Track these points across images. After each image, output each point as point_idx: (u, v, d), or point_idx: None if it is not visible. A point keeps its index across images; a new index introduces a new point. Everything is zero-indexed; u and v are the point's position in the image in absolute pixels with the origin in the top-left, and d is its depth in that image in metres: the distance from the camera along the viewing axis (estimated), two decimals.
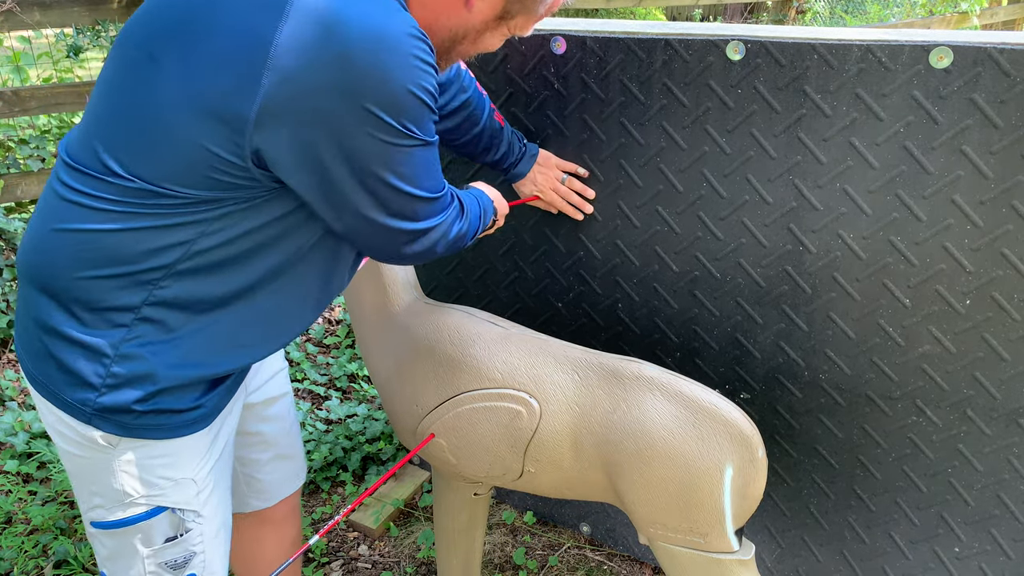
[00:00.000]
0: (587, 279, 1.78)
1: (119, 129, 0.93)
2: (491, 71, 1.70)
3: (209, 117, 0.88)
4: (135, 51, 0.93)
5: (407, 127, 0.92)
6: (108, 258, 0.95)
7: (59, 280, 0.97)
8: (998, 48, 1.24)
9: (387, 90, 0.87)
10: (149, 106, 0.90)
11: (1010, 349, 1.40)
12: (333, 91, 0.85)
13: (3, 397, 2.60)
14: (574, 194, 1.66)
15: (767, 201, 1.50)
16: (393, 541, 2.12)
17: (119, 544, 1.11)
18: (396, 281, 1.52)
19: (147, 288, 0.97)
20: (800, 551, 1.80)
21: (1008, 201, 1.31)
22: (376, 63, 0.85)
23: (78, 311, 0.98)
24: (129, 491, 1.06)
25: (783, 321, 1.58)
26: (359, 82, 0.86)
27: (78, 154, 0.97)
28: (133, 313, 0.98)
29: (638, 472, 1.28)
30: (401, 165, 0.95)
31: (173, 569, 1.13)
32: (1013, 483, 1.49)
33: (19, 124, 3.70)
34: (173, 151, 0.90)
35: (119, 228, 0.94)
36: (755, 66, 1.42)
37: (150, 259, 0.95)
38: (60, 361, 0.99)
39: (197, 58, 0.88)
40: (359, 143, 0.90)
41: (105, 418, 1.00)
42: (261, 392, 1.37)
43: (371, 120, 0.88)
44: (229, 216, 0.96)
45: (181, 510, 1.11)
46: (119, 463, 1.04)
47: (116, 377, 0.99)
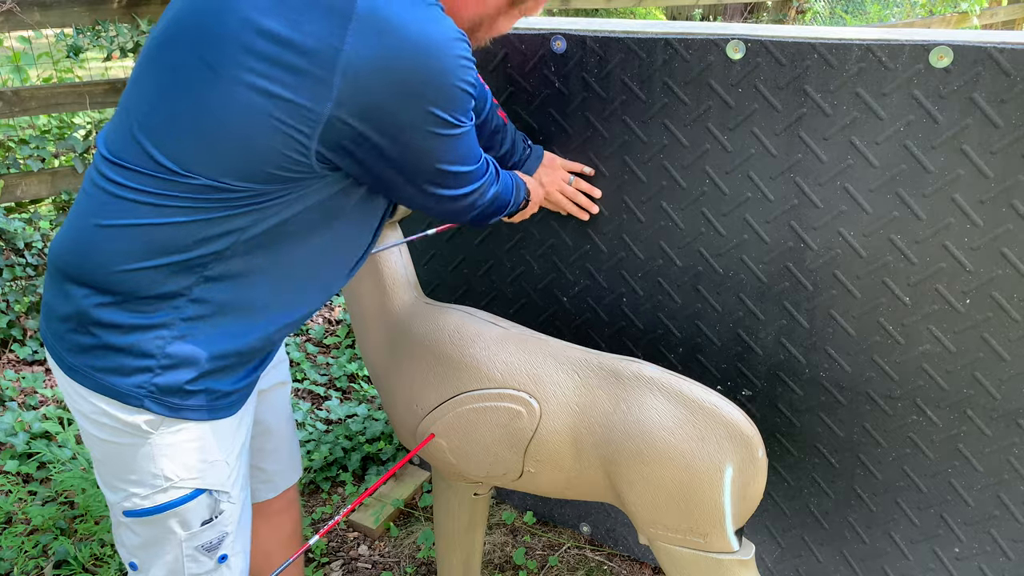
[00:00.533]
0: (593, 273, 1.78)
1: (173, 128, 0.96)
2: (491, 70, 1.70)
3: (279, 121, 0.93)
4: (188, 55, 0.95)
5: (459, 118, 1.02)
6: (162, 249, 0.99)
7: (106, 273, 1.00)
8: (998, 48, 1.24)
9: (444, 91, 0.97)
10: (212, 109, 0.94)
11: (1010, 349, 1.40)
12: (399, 95, 0.94)
13: (3, 397, 2.60)
14: (580, 194, 1.67)
15: (769, 198, 1.50)
16: (393, 541, 2.12)
17: (155, 531, 1.13)
18: (396, 281, 1.52)
19: (197, 272, 1.01)
20: (800, 551, 1.80)
21: (1008, 200, 1.31)
22: (435, 68, 0.95)
23: (128, 299, 1.01)
24: (170, 475, 1.09)
25: (784, 317, 1.58)
26: (422, 87, 0.95)
27: (123, 151, 0.99)
28: (184, 296, 1.02)
29: (638, 472, 1.27)
30: (453, 151, 1.06)
31: (208, 551, 1.16)
32: (1013, 483, 1.49)
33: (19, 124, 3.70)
34: (238, 151, 0.95)
35: (174, 221, 0.98)
36: (755, 65, 1.42)
37: (202, 247, 1.00)
38: (111, 347, 1.02)
39: (249, 58, 0.92)
40: (419, 138, 1.00)
41: (158, 399, 1.04)
42: (269, 377, 1.40)
43: (431, 118, 0.99)
44: (282, 201, 1.01)
45: (217, 492, 1.14)
46: (158, 447, 1.07)
47: (171, 357, 1.03)
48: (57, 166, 3.28)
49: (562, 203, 1.66)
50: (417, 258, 2.03)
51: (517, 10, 1.16)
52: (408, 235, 2.01)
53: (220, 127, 0.94)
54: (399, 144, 0.99)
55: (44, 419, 2.46)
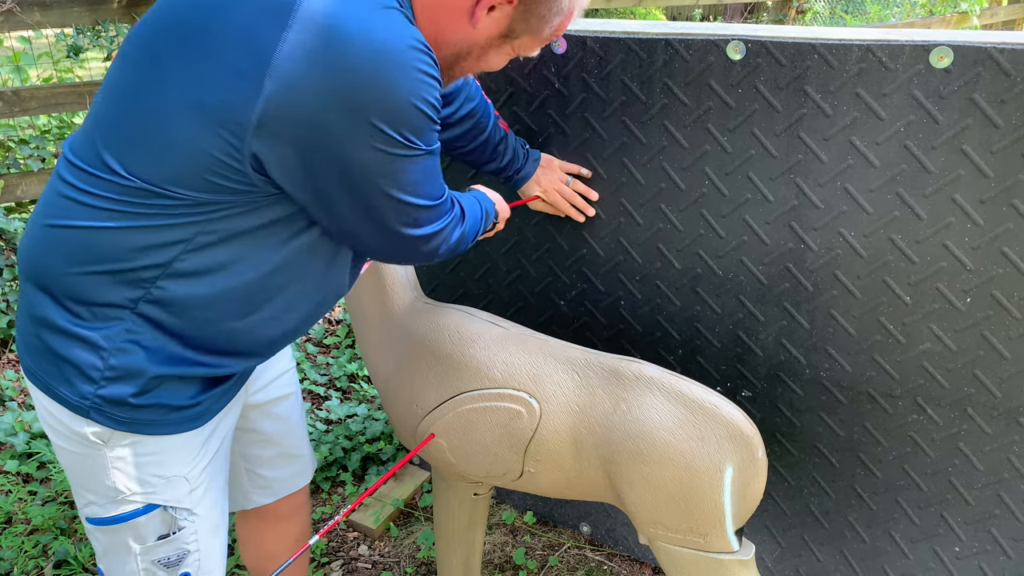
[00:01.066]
0: (590, 276, 1.78)
1: (120, 129, 0.93)
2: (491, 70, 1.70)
3: (208, 121, 0.88)
4: (139, 52, 0.93)
5: (410, 139, 0.92)
6: (102, 255, 0.96)
7: (54, 275, 0.98)
8: (998, 48, 1.24)
9: (391, 104, 0.87)
10: (150, 107, 0.91)
11: (1010, 347, 1.40)
12: (336, 104, 0.86)
13: (3, 397, 2.60)
14: (578, 196, 1.67)
15: (768, 199, 1.50)
16: (393, 541, 2.12)
17: (112, 540, 1.11)
18: (396, 281, 1.52)
19: (143, 286, 0.97)
20: (800, 551, 1.80)
21: (1008, 200, 1.31)
22: (380, 77, 0.85)
23: (74, 306, 0.98)
24: (121, 488, 1.07)
25: (784, 319, 1.58)
26: (363, 95, 0.85)
27: (80, 152, 0.97)
28: (129, 309, 0.98)
29: (638, 472, 1.27)
30: (403, 175, 0.95)
31: (166, 567, 1.13)
32: (1013, 482, 1.49)
33: (19, 124, 3.70)
34: (173, 153, 0.90)
35: (114, 226, 0.94)
36: (755, 66, 1.42)
37: (145, 257, 0.96)
38: (58, 355, 1.00)
39: (199, 62, 0.88)
40: (362, 155, 0.90)
41: (103, 411, 1.01)
42: (265, 392, 1.37)
43: (375, 133, 0.89)
44: (227, 218, 0.95)
45: (173, 508, 1.11)
46: (111, 460, 1.05)
47: (114, 370, 0.99)
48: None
49: (560, 204, 1.66)
50: None
51: (510, 46, 1.08)
52: None
53: (157, 126, 0.90)
54: (337, 159, 0.90)
55: None
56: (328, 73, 0.84)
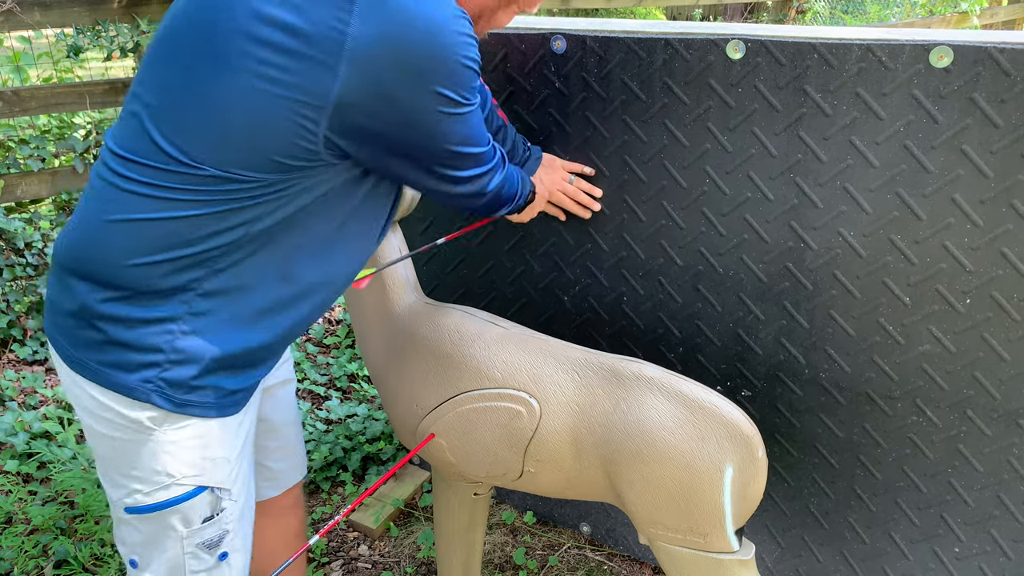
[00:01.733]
0: (594, 271, 1.78)
1: (181, 118, 0.96)
2: (491, 70, 1.70)
3: (280, 105, 0.93)
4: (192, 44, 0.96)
5: (465, 96, 1.02)
6: (168, 244, 0.99)
7: (116, 269, 1.00)
8: (998, 48, 1.24)
9: (448, 69, 0.97)
10: (212, 94, 0.94)
11: (1010, 349, 1.40)
12: (404, 77, 0.94)
13: (3, 397, 2.60)
14: (582, 193, 1.67)
15: (769, 198, 1.50)
16: (393, 541, 2.12)
17: (156, 528, 1.13)
18: (396, 281, 1.52)
19: (207, 266, 1.01)
20: (800, 551, 1.80)
21: (1008, 200, 1.31)
22: (438, 48, 0.95)
23: (136, 294, 1.01)
24: (172, 472, 1.09)
25: (784, 318, 1.58)
26: (426, 66, 0.95)
27: (130, 145, 0.99)
28: (194, 291, 1.02)
29: (638, 472, 1.27)
30: (461, 131, 1.06)
31: (208, 548, 1.15)
32: (1013, 483, 1.49)
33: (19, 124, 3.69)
34: (246, 140, 0.94)
35: (181, 215, 0.98)
36: (755, 65, 1.42)
37: (211, 240, 0.99)
38: (119, 343, 1.02)
39: (256, 47, 0.92)
40: (428, 119, 1.00)
41: (164, 394, 1.04)
42: (274, 376, 1.40)
43: (438, 98, 0.99)
44: (290, 192, 1.00)
45: (219, 489, 1.13)
46: (163, 444, 1.07)
47: (180, 352, 1.03)
48: (57, 166, 3.28)
49: (564, 202, 1.67)
50: (416, 259, 2.03)
51: (516, 4, 1.18)
52: (407, 234, 2.01)
53: (228, 117, 0.94)
54: (407, 126, 0.99)
55: (44, 419, 2.46)
56: (395, 49, 0.93)
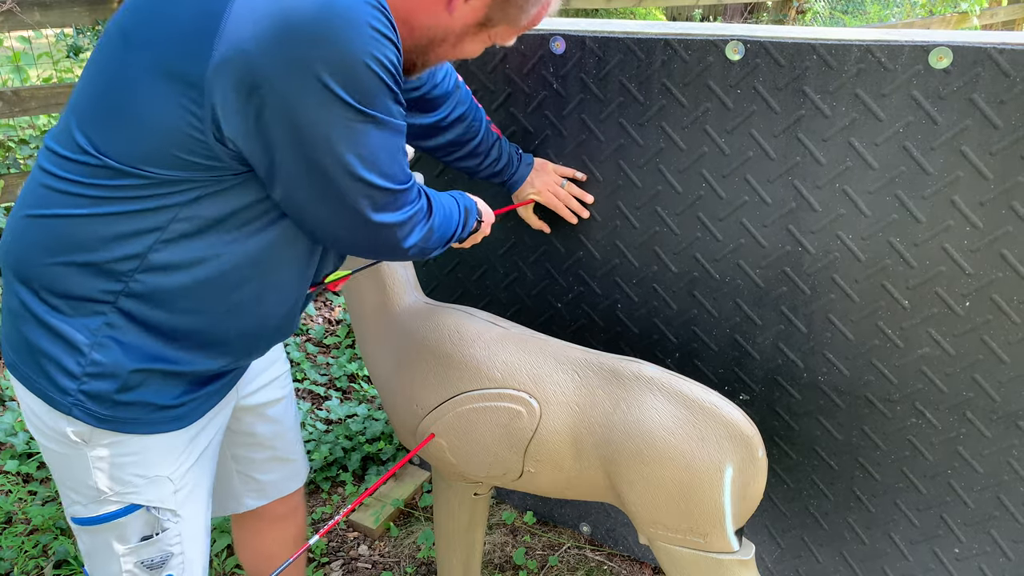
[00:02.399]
0: (586, 279, 1.78)
1: (92, 108, 0.93)
2: (490, 71, 1.70)
3: (170, 90, 0.87)
4: (115, 33, 0.94)
5: (362, 103, 0.88)
6: (78, 244, 0.95)
7: (34, 267, 0.98)
8: (998, 48, 1.24)
9: (340, 60, 0.84)
10: (117, 81, 0.91)
11: (1009, 351, 1.40)
12: (283, 60, 0.83)
13: (3, 397, 2.61)
14: (572, 198, 1.67)
15: (766, 202, 1.50)
16: (393, 541, 2.12)
17: (96, 541, 1.11)
18: (396, 281, 1.52)
19: (121, 279, 0.97)
20: (800, 552, 1.80)
21: (1008, 202, 1.31)
22: (327, 30, 0.82)
23: (54, 299, 0.98)
24: (103, 488, 1.06)
25: (782, 322, 1.58)
26: (310, 50, 0.83)
27: (58, 138, 0.97)
28: (109, 303, 0.98)
29: (638, 472, 1.28)
30: (357, 146, 0.91)
31: (150, 568, 1.12)
32: (1013, 485, 1.49)
33: (19, 124, 3.70)
34: (140, 128, 0.90)
35: (88, 213, 0.94)
36: (754, 66, 1.42)
37: (121, 246, 0.95)
38: (39, 349, 0.99)
39: (158, 30, 0.88)
40: (312, 116, 0.87)
41: (85, 408, 1.00)
42: (258, 396, 1.36)
43: (324, 93, 0.85)
44: (198, 201, 0.94)
45: (156, 508, 1.10)
46: (92, 459, 1.04)
47: (96, 365, 0.99)
48: None
49: (555, 205, 1.67)
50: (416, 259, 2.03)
51: (486, 34, 1.06)
52: None
53: (125, 101, 0.90)
54: (289, 119, 0.87)
55: None
56: (274, 30, 0.82)
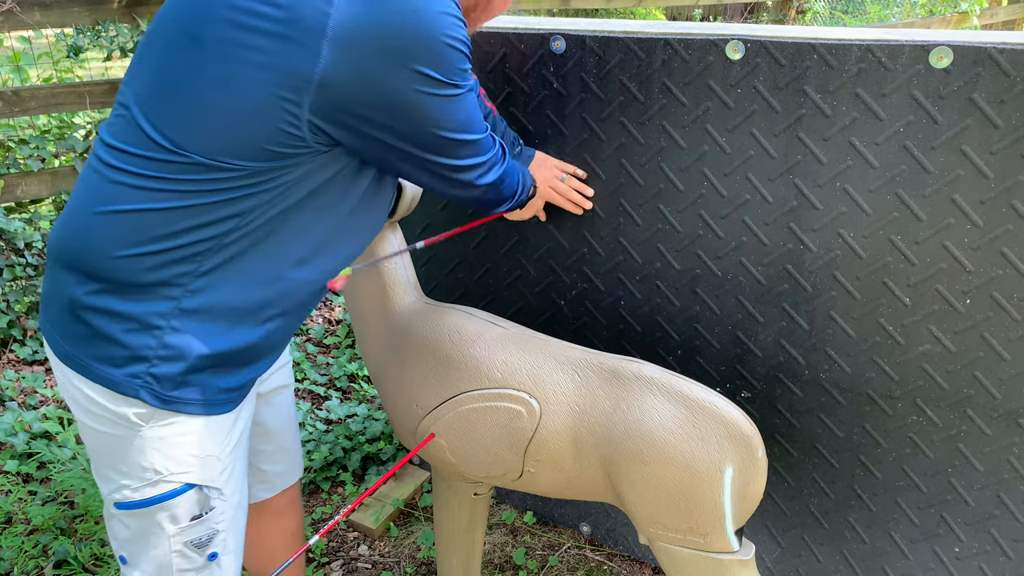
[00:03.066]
0: (590, 276, 1.78)
1: (168, 106, 0.95)
2: (490, 70, 1.70)
3: (263, 89, 0.91)
4: (177, 34, 0.96)
5: (450, 78, 0.99)
6: (155, 236, 0.98)
7: (105, 261, 0.99)
8: (998, 48, 1.24)
9: (429, 48, 0.95)
10: (199, 82, 0.93)
11: (1010, 349, 1.40)
12: (385, 56, 0.93)
13: (3, 397, 2.60)
14: (573, 191, 1.67)
15: (767, 200, 1.50)
16: (393, 541, 2.12)
17: (144, 524, 1.12)
18: (397, 281, 1.52)
19: (196, 261, 1.00)
20: (800, 551, 1.80)
21: (1008, 201, 1.31)
22: (420, 27, 0.93)
23: (126, 288, 1.00)
24: (159, 468, 1.08)
25: (784, 319, 1.58)
26: (405, 44, 0.93)
27: (122, 135, 0.98)
28: (182, 287, 1.00)
29: (638, 472, 1.27)
30: (451, 115, 1.03)
31: (197, 547, 1.15)
32: (1013, 483, 1.49)
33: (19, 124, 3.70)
34: (229, 124, 0.93)
35: (168, 207, 0.97)
36: (755, 66, 1.42)
37: (199, 232, 0.98)
38: (108, 337, 1.01)
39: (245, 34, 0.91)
40: (411, 100, 0.97)
41: (152, 390, 1.03)
42: (270, 381, 1.39)
43: (419, 78, 0.96)
44: (282, 185, 0.99)
45: (208, 487, 1.13)
46: (150, 440, 1.07)
47: (169, 348, 1.02)
48: (57, 166, 3.28)
49: (556, 199, 1.67)
50: (415, 260, 2.03)
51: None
52: (406, 234, 2.01)
53: (212, 103, 0.93)
54: (391, 109, 0.97)
55: (44, 419, 2.46)
56: (376, 28, 0.91)
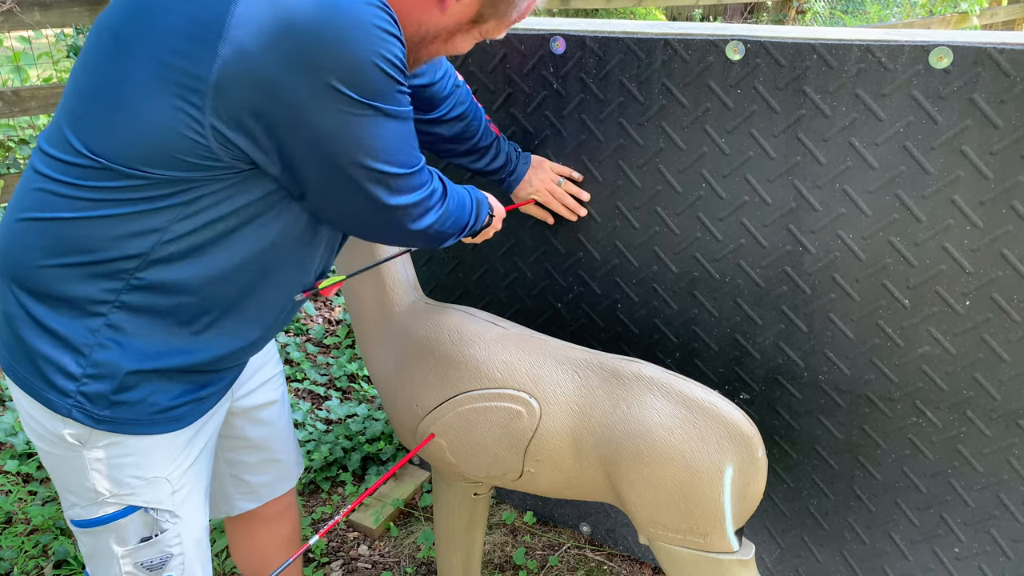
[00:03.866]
0: (586, 280, 1.78)
1: (85, 110, 0.92)
2: (490, 71, 1.70)
3: (168, 93, 0.86)
4: (104, 34, 0.93)
5: (374, 101, 0.89)
6: (78, 246, 0.94)
7: (30, 270, 0.97)
8: (998, 48, 1.24)
9: (349, 63, 0.84)
10: (112, 83, 0.89)
11: (1010, 350, 1.40)
12: (293, 66, 0.83)
13: (3, 397, 2.60)
14: (569, 196, 1.67)
15: (766, 202, 1.50)
16: (393, 541, 2.12)
17: (96, 543, 1.11)
18: (397, 281, 1.52)
19: (122, 278, 0.96)
20: (800, 551, 1.80)
21: (1008, 202, 1.31)
22: (335, 35, 0.82)
23: (53, 301, 0.97)
24: (100, 490, 1.06)
25: (782, 322, 1.58)
26: (318, 55, 0.83)
27: (52, 140, 0.96)
28: (110, 303, 0.97)
29: (638, 472, 1.28)
30: (372, 140, 0.92)
31: (150, 570, 1.12)
32: (1013, 484, 1.49)
33: (19, 124, 3.70)
34: (137, 130, 0.88)
35: (88, 216, 0.93)
36: (755, 66, 1.42)
37: (122, 247, 0.94)
38: (39, 352, 0.98)
39: (156, 32, 0.87)
40: (326, 119, 0.87)
41: (84, 410, 1.00)
42: (251, 398, 1.35)
43: (336, 96, 0.86)
44: (200, 200, 0.93)
45: (155, 509, 1.10)
46: (89, 461, 1.04)
47: (97, 366, 0.98)
48: None
49: (551, 203, 1.67)
50: (415, 259, 2.03)
51: (477, 30, 1.06)
52: None
53: (120, 103, 0.88)
54: (301, 125, 0.87)
55: None
56: (280, 35, 0.82)
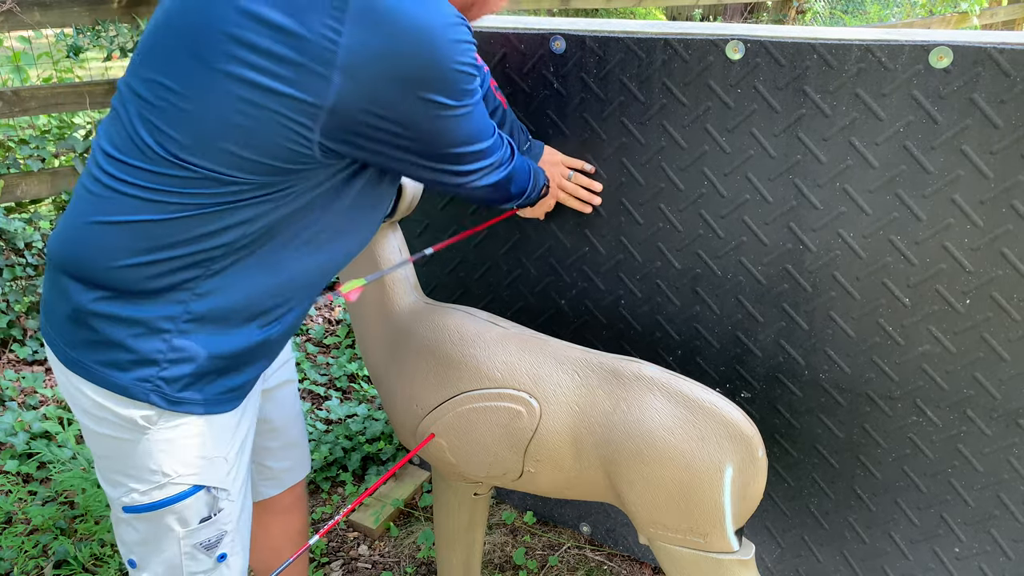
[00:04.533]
0: (591, 275, 1.78)
1: (172, 119, 0.94)
2: (490, 71, 1.70)
3: (277, 115, 0.92)
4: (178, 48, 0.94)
5: (460, 99, 1.02)
6: (160, 245, 0.98)
7: (110, 271, 0.99)
8: (998, 48, 1.24)
9: (441, 76, 0.97)
10: (205, 104, 0.92)
11: (1010, 349, 1.40)
12: (398, 85, 0.94)
13: (3, 397, 2.60)
14: (581, 189, 1.67)
15: (767, 200, 1.50)
16: (393, 541, 2.12)
17: (153, 527, 1.12)
18: (397, 281, 1.52)
19: (203, 266, 1.00)
20: (800, 551, 1.80)
21: (1008, 201, 1.31)
22: (432, 56, 0.95)
23: (129, 294, 1.00)
24: (167, 471, 1.08)
25: (783, 319, 1.58)
26: (418, 74, 0.95)
27: (122, 146, 0.97)
28: (189, 290, 1.01)
29: (638, 472, 1.27)
30: (463, 131, 1.06)
31: (206, 549, 1.15)
32: (1013, 483, 1.49)
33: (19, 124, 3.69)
34: (238, 145, 0.93)
35: (173, 217, 0.97)
36: (755, 66, 1.42)
37: (205, 242, 0.99)
38: (114, 342, 1.01)
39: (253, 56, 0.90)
40: (426, 124, 1.00)
41: (163, 393, 1.03)
42: (275, 377, 1.40)
43: (432, 105, 0.99)
44: (289, 193, 1.00)
45: (216, 488, 1.13)
46: (157, 443, 1.07)
47: (177, 351, 1.02)
48: (57, 166, 3.28)
49: (562, 198, 1.67)
50: (415, 260, 2.03)
51: None
52: (405, 236, 2.01)
53: (219, 122, 0.92)
54: (404, 130, 1.00)
55: (44, 419, 2.46)
56: (389, 57, 0.92)
